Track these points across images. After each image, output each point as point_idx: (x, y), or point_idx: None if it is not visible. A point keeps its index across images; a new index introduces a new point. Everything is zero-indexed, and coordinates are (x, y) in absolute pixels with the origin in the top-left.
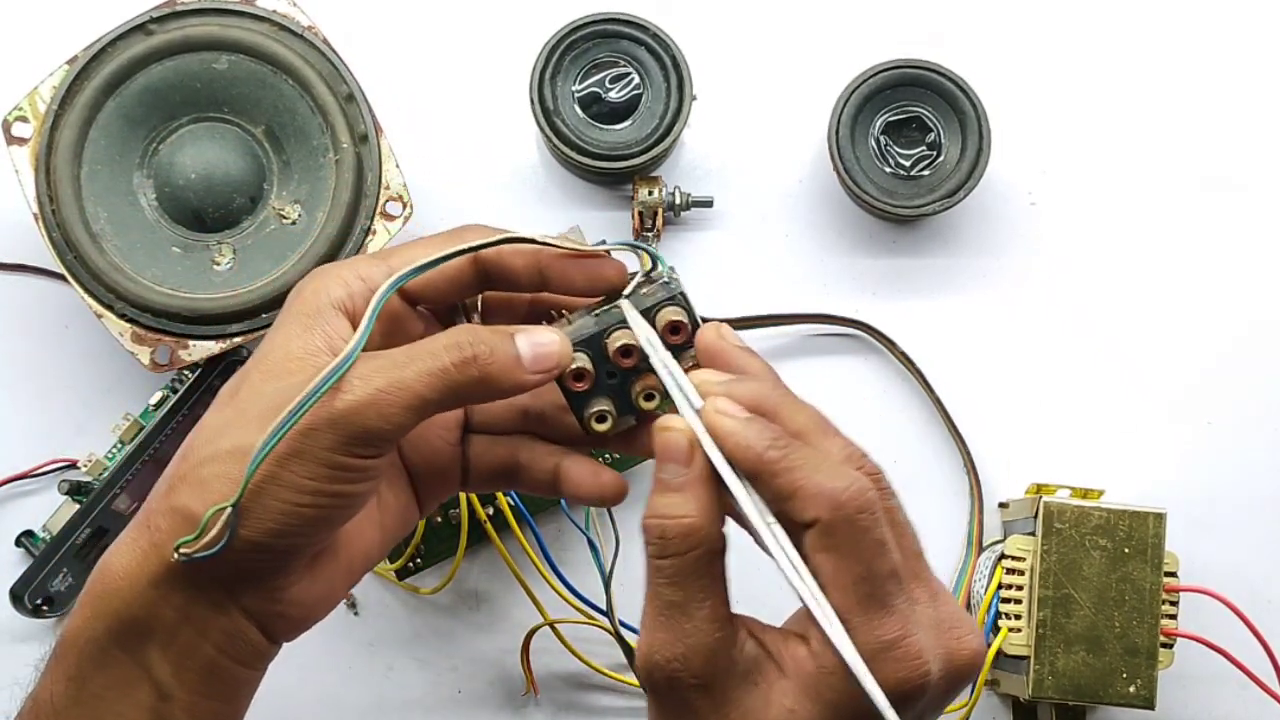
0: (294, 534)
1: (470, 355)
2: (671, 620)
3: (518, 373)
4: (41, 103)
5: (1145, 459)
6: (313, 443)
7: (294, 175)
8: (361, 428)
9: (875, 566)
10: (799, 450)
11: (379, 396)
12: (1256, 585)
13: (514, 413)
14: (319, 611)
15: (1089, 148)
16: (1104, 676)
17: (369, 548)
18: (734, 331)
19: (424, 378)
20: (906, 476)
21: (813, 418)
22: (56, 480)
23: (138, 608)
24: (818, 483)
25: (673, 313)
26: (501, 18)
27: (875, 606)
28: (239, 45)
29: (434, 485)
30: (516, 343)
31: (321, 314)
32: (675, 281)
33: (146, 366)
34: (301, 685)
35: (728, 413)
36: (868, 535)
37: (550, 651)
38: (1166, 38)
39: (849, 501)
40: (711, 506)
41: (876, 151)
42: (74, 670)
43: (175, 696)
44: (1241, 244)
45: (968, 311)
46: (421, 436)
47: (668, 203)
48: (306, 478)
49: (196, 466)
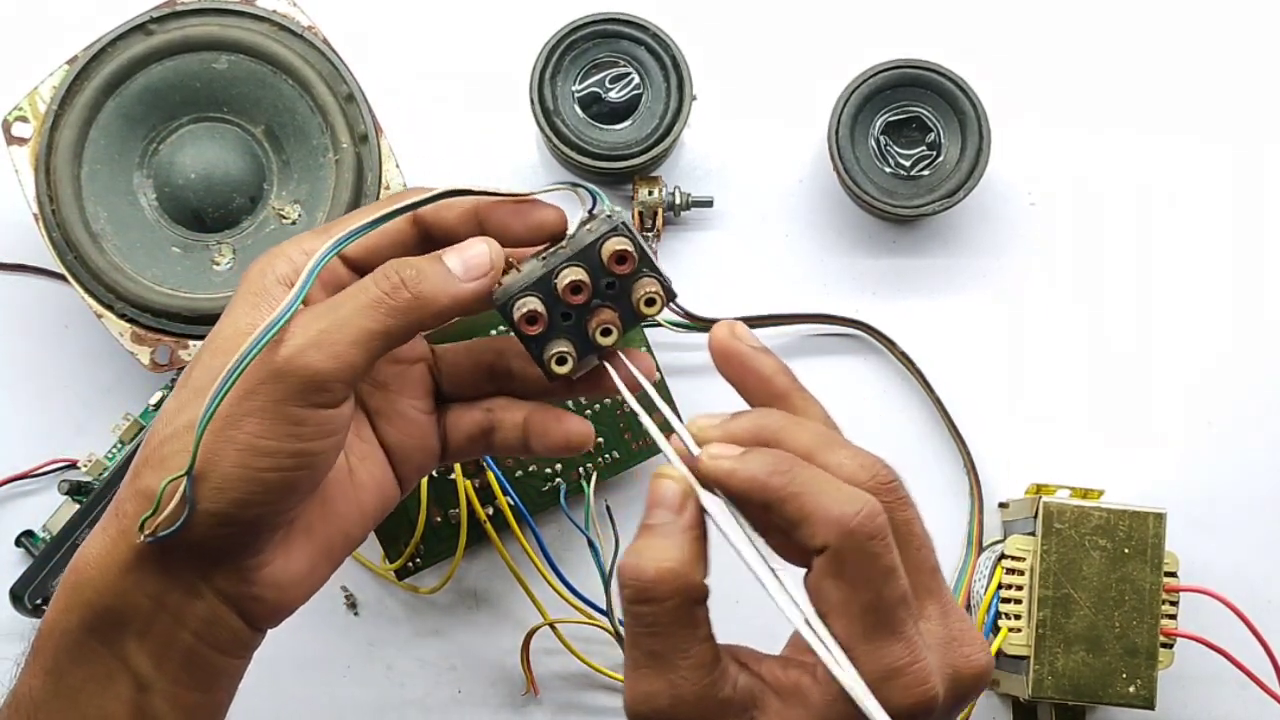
0: (258, 502)
1: (398, 280)
2: (655, 671)
3: (451, 285)
4: (41, 103)
5: (1145, 459)
6: (262, 399)
7: (294, 175)
8: (309, 370)
9: (885, 594)
10: (804, 472)
11: (320, 337)
12: (1256, 585)
13: (481, 372)
14: (297, 594)
15: (1089, 148)
16: (1104, 676)
17: (348, 527)
18: (748, 330)
19: (360, 311)
20: (907, 476)
21: (817, 435)
22: (56, 480)
23: (110, 596)
24: (825, 508)
25: (617, 243)
26: (501, 18)
27: (884, 633)
28: (239, 45)
29: (412, 459)
30: (445, 259)
31: (268, 290)
32: (617, 213)
33: (146, 366)
34: (301, 685)
35: (722, 455)
36: (878, 562)
37: (550, 651)
38: (1166, 37)
39: (859, 528)
40: (697, 554)
41: (876, 151)
42: (51, 664)
43: (155, 687)
44: (1242, 244)
45: (968, 311)
46: (394, 409)
47: (668, 203)
48: (263, 437)
49: (157, 447)
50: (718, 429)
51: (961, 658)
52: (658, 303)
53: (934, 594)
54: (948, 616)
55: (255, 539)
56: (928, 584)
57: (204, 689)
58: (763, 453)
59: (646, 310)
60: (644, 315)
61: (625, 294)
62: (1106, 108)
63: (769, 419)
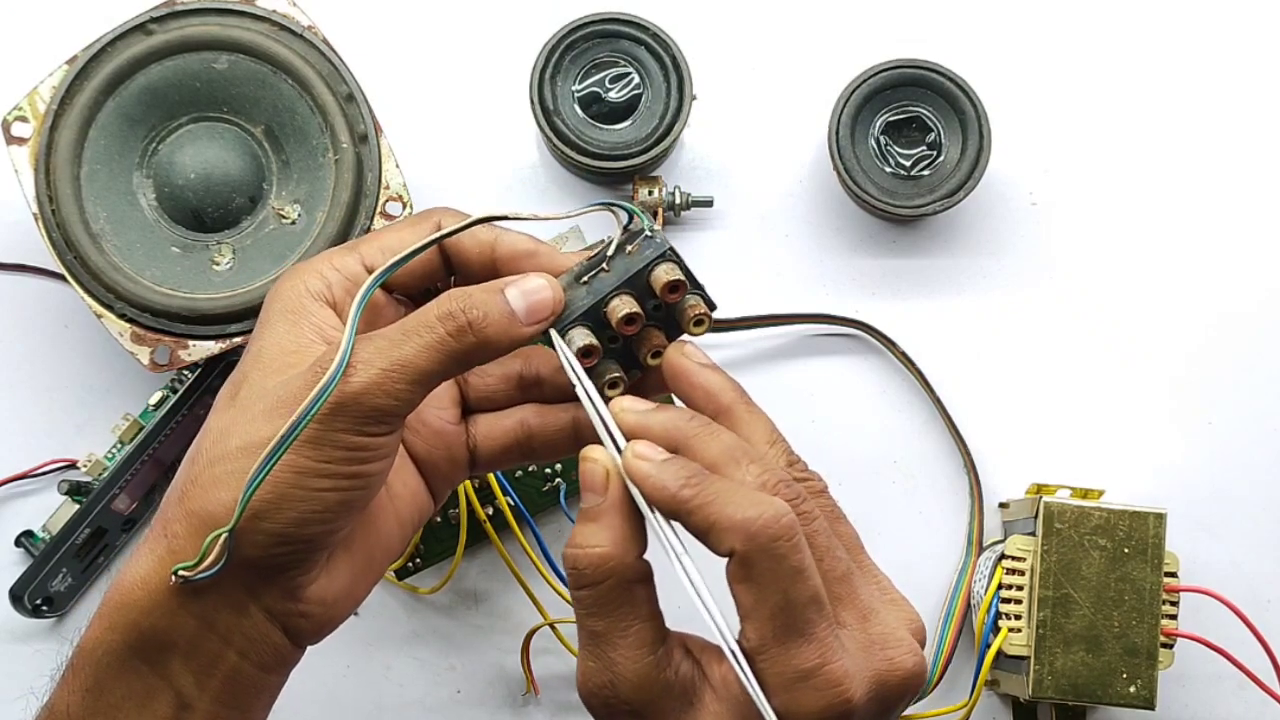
0: (315, 521)
1: (465, 322)
2: (598, 649)
3: (515, 328)
4: (41, 103)
5: (1145, 459)
6: (321, 427)
7: (293, 175)
8: (371, 408)
9: (793, 595)
10: (712, 485)
11: (382, 377)
12: (1256, 585)
13: (510, 383)
14: (341, 610)
15: (1089, 147)
16: (1104, 677)
17: (388, 541)
18: (697, 348)
19: (423, 352)
20: (906, 476)
21: (726, 447)
22: (56, 480)
23: (157, 617)
24: (729, 515)
25: (669, 271)
26: (501, 18)
27: (793, 636)
28: (239, 45)
29: (441, 469)
30: (507, 296)
31: (305, 308)
32: (660, 235)
33: (146, 366)
34: (301, 685)
35: (645, 456)
36: (784, 563)
37: (550, 651)
38: (1167, 37)
39: (761, 531)
40: (627, 536)
41: (876, 151)
42: (91, 682)
43: (196, 706)
44: (1242, 244)
45: (968, 311)
46: (419, 420)
47: (668, 203)
48: (323, 461)
49: (207, 467)
50: (637, 417)
51: (884, 660)
52: (705, 323)
53: (846, 601)
54: (866, 621)
55: (308, 557)
56: (836, 592)
57: (244, 707)
58: (678, 463)
59: (695, 330)
60: (693, 335)
61: (671, 315)
62: (1106, 108)
63: (687, 425)
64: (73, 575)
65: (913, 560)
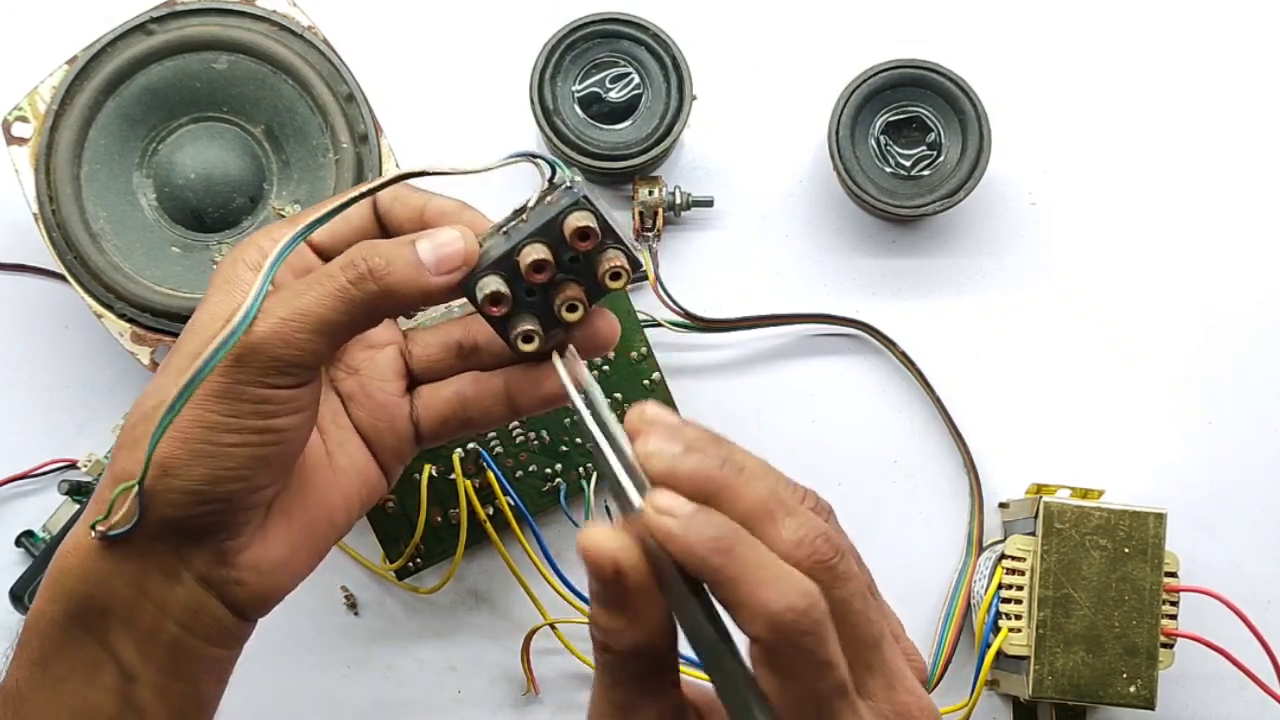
0: (229, 478)
1: (365, 270)
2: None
3: (421, 278)
4: (41, 103)
5: (1145, 459)
6: (225, 380)
7: (294, 175)
8: (272, 357)
9: (818, 688)
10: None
11: (281, 326)
12: (1256, 585)
13: (451, 352)
14: (281, 580)
15: (1089, 147)
16: (1104, 676)
17: (331, 513)
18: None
19: (324, 300)
20: (906, 476)
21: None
22: (56, 480)
23: (92, 583)
24: (760, 600)
25: (579, 219)
26: (501, 18)
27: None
28: (239, 45)
29: (387, 443)
30: (417, 247)
31: (239, 277)
32: (577, 184)
33: (146, 366)
34: (301, 685)
35: (671, 511)
36: (811, 658)
37: (551, 651)
38: (1167, 37)
39: (791, 625)
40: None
41: (876, 151)
42: (37, 655)
43: (141, 677)
44: (1242, 244)
45: (968, 311)
46: (364, 393)
47: (668, 203)
48: (229, 415)
49: (130, 430)
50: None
51: None
52: (623, 276)
53: (876, 669)
54: (893, 690)
55: (231, 518)
56: (868, 660)
57: (191, 680)
58: (708, 521)
59: (612, 284)
60: (609, 289)
61: (590, 267)
62: (1106, 108)
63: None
64: None
65: (913, 560)
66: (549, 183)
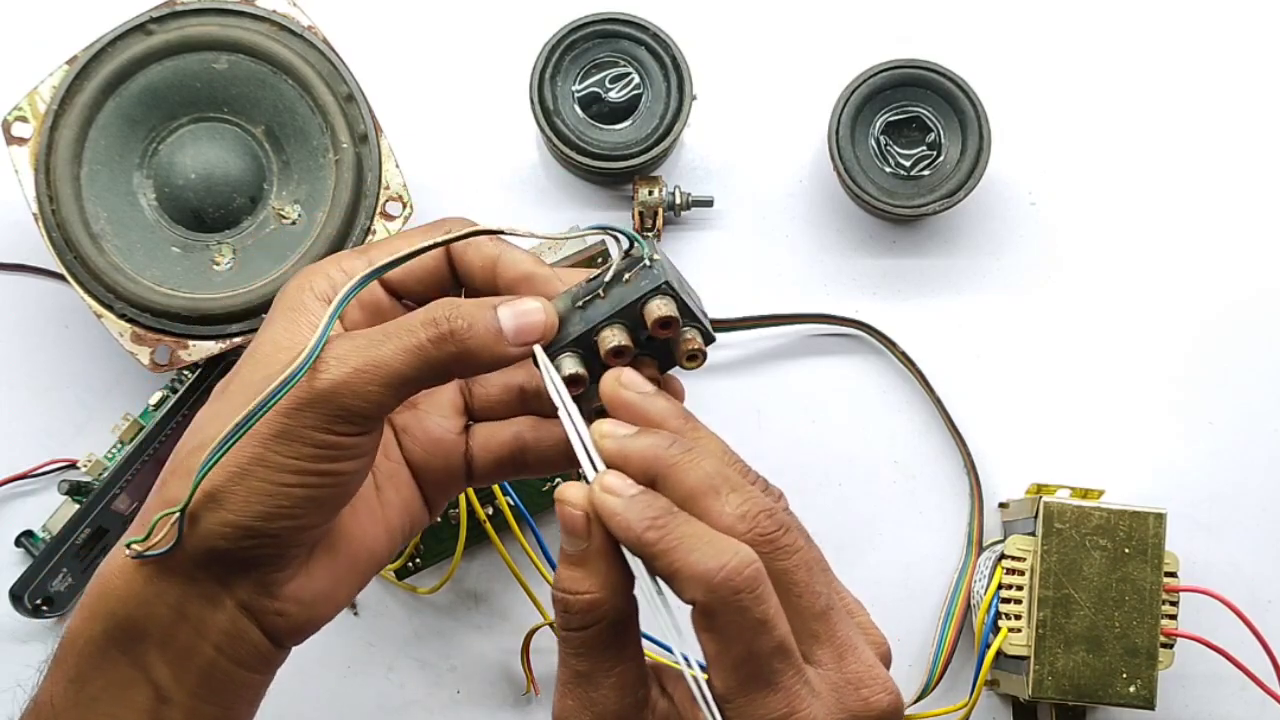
0: (282, 516)
1: (447, 330)
2: (579, 689)
3: (499, 346)
4: (41, 103)
5: (1145, 459)
6: (292, 422)
7: (294, 175)
8: (340, 406)
9: (756, 646)
10: (679, 527)
11: (355, 375)
12: (1256, 585)
13: (512, 394)
14: (321, 612)
15: (1089, 147)
16: (1104, 677)
17: (375, 546)
18: (636, 376)
19: (400, 354)
20: (906, 476)
21: (708, 475)
22: (56, 480)
23: (133, 605)
24: (692, 564)
25: (662, 307)
26: (501, 18)
27: (758, 686)
28: (239, 45)
29: (439, 479)
30: (498, 314)
31: (306, 306)
32: (659, 266)
33: (146, 366)
34: (301, 685)
35: (613, 490)
36: (747, 615)
37: (551, 651)
38: (1166, 37)
39: (723, 584)
40: (614, 579)
41: (876, 151)
42: (73, 672)
43: (174, 699)
44: (1241, 244)
45: (967, 311)
46: (420, 427)
47: (668, 203)
48: (290, 457)
49: (185, 458)
50: (615, 443)
51: (859, 701)
52: (699, 359)
53: (823, 638)
54: (843, 659)
55: (280, 553)
56: (814, 630)
57: (223, 704)
58: (647, 499)
59: (688, 365)
60: (686, 369)
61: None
62: (1106, 108)
63: (666, 452)
64: (73, 575)
65: (913, 560)
66: (626, 255)
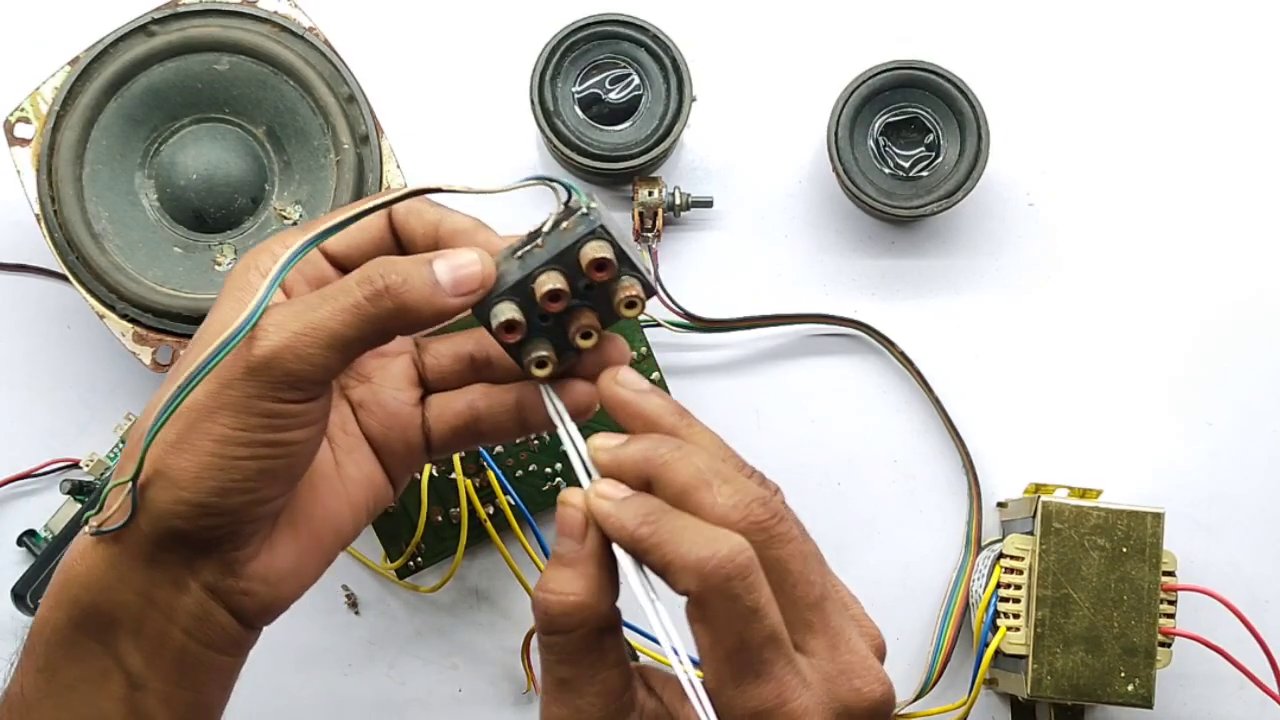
0: (236, 490)
1: (382, 286)
2: (564, 696)
3: (438, 298)
4: (43, 103)
5: (1144, 459)
6: (236, 393)
7: (295, 176)
8: (284, 372)
9: (748, 635)
10: (670, 521)
11: (295, 339)
12: (1255, 585)
13: (464, 363)
14: (287, 590)
15: (1088, 148)
16: (1102, 676)
17: (339, 523)
18: (630, 374)
19: (338, 315)
20: (906, 476)
21: (699, 470)
22: (58, 480)
23: (98, 592)
24: (684, 555)
25: (596, 249)
26: (501, 18)
27: (749, 676)
28: (240, 46)
29: (398, 452)
30: (434, 267)
31: (250, 284)
32: (595, 212)
33: (148, 366)
34: (301, 685)
35: (606, 495)
36: (738, 603)
37: None
38: (1166, 38)
39: (714, 572)
40: (601, 584)
41: (875, 152)
42: (43, 662)
43: (148, 685)
44: (1241, 244)
45: (967, 311)
46: (376, 401)
47: (668, 203)
48: (238, 429)
49: (138, 441)
50: (609, 454)
51: (851, 691)
52: (638, 305)
53: (817, 628)
54: (836, 650)
55: (239, 529)
56: (808, 620)
57: (197, 688)
58: (637, 501)
59: (626, 313)
60: (623, 318)
61: (605, 295)
62: (1104, 109)
63: (658, 449)
64: None
65: (911, 560)
66: (564, 206)
